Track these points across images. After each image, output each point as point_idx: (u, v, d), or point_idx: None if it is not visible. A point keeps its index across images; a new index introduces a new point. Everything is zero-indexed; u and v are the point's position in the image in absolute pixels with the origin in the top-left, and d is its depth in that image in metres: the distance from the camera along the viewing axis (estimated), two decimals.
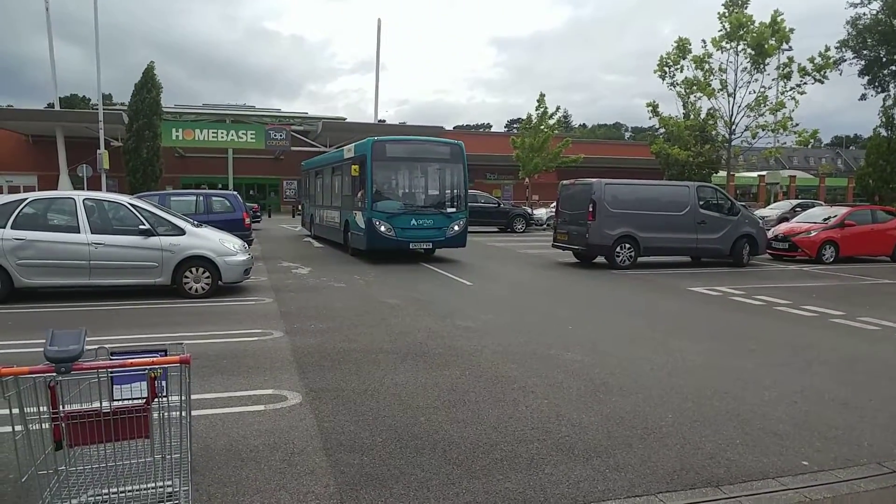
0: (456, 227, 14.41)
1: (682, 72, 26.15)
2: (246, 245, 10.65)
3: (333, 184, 18.05)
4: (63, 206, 9.24)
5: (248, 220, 15.12)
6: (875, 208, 18.28)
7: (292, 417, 4.45)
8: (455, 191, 14.79)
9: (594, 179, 14.26)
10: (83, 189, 24.14)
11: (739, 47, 24.88)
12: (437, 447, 3.95)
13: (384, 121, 46.34)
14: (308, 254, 16.79)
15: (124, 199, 9.76)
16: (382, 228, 13.64)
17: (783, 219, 23.33)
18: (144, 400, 2.68)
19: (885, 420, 4.65)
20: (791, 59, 24.45)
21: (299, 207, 42.78)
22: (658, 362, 6.12)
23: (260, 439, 4.03)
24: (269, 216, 39.34)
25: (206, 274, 9.48)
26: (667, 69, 26.16)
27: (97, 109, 27.37)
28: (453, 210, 14.55)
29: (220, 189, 31.74)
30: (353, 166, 14.36)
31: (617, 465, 3.74)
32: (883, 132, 33.18)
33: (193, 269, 9.42)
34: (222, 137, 39.33)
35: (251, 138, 39.83)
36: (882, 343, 7.30)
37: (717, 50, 25.27)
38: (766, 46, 23.92)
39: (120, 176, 33.41)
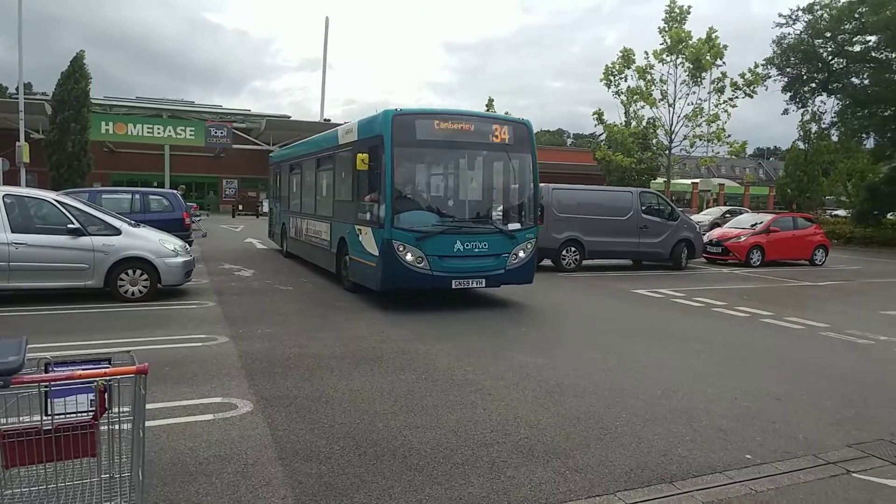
0: (521, 254, 9.34)
1: (626, 81, 27.14)
2: (187, 246, 10.21)
3: (319, 182, 12.83)
4: None
5: (188, 220, 14.49)
6: (796, 216, 19.50)
7: (244, 426, 4.28)
8: (521, 195, 9.80)
9: (542, 184, 14.51)
10: None
11: (679, 60, 26.06)
12: (396, 453, 3.89)
13: (329, 120, 45.58)
14: (251, 255, 16.29)
15: (50, 195, 9.15)
16: (409, 257, 8.60)
17: (715, 224, 24.51)
18: (91, 415, 2.49)
19: (816, 413, 4.95)
20: (724, 74, 25.86)
21: (240, 207, 41.74)
22: (609, 363, 6.28)
23: (210, 451, 3.85)
24: (208, 216, 37.94)
25: (144, 276, 9.02)
26: (612, 78, 27.08)
27: (17, 98, 25.62)
28: (517, 226, 9.46)
29: (156, 187, 30.33)
30: (358, 156, 9.00)
31: (576, 465, 3.79)
32: (801, 145, 35.59)
33: (130, 272, 8.95)
34: (158, 133, 37.66)
35: (190, 135, 38.33)
36: (807, 341, 7.77)
37: (659, 62, 26.39)
38: (702, 61, 25.16)
39: (41, 171, 31.27)
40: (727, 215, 27.33)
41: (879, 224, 27.41)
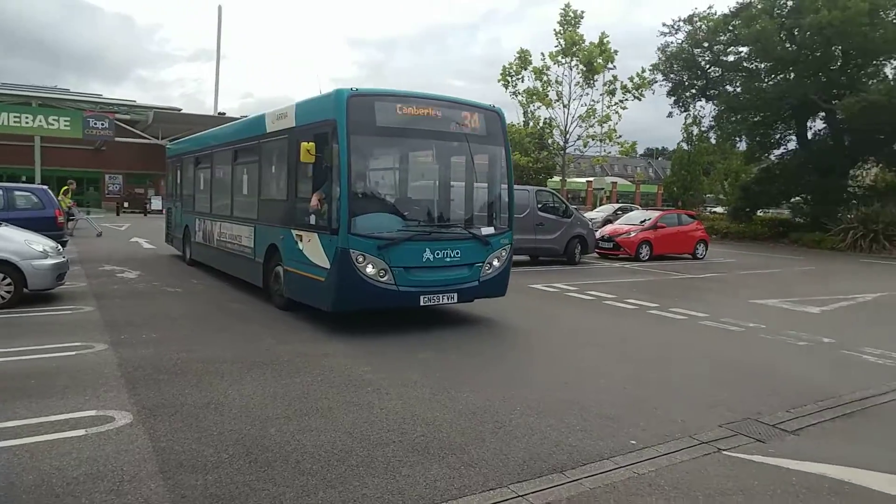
0: (495, 262, 8.10)
1: (523, 82, 28.06)
2: (60, 247, 9.31)
3: (238, 178, 10.78)
4: None
5: (61, 219, 13.21)
6: (681, 212, 21.04)
7: (121, 440, 3.95)
8: (495, 194, 8.54)
9: None
10: None
11: (573, 63, 27.33)
12: (289, 458, 3.76)
13: (224, 113, 43.40)
14: (137, 256, 15.15)
15: None
16: (370, 269, 7.09)
17: (607, 221, 25.92)
18: None
19: (694, 397, 5.34)
20: (615, 78, 27.51)
21: (125, 205, 38.73)
22: (504, 356, 6.45)
23: (80, 469, 3.52)
24: (88, 214, 34.92)
25: (7, 280, 8.12)
26: (509, 79, 27.88)
27: None
28: (491, 231, 8.16)
29: (24, 182, 27.50)
30: (302, 145, 7.29)
31: (471, 460, 3.84)
32: (684, 146, 38.56)
33: None
34: (27, 123, 33.96)
35: (65, 125, 34.90)
36: (688, 330, 8.39)
37: (554, 63, 27.55)
38: (595, 64, 26.55)
39: None
40: (619, 212, 28.96)
41: (751, 220, 30.19)
